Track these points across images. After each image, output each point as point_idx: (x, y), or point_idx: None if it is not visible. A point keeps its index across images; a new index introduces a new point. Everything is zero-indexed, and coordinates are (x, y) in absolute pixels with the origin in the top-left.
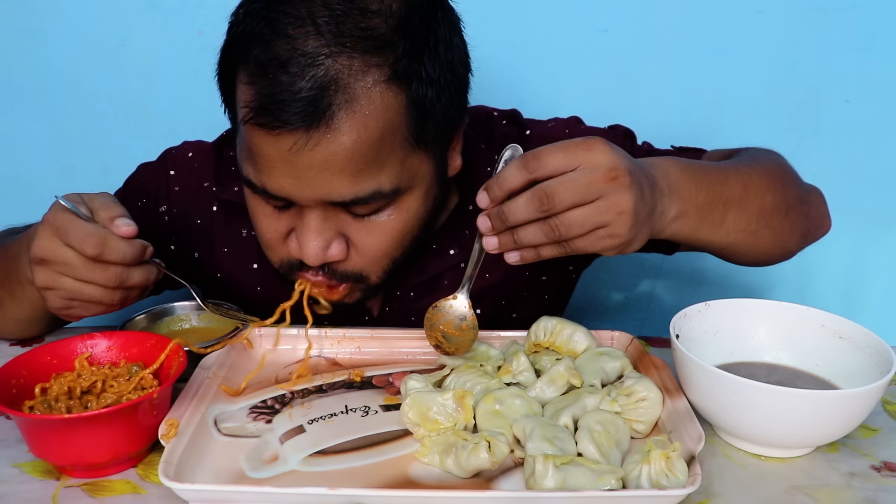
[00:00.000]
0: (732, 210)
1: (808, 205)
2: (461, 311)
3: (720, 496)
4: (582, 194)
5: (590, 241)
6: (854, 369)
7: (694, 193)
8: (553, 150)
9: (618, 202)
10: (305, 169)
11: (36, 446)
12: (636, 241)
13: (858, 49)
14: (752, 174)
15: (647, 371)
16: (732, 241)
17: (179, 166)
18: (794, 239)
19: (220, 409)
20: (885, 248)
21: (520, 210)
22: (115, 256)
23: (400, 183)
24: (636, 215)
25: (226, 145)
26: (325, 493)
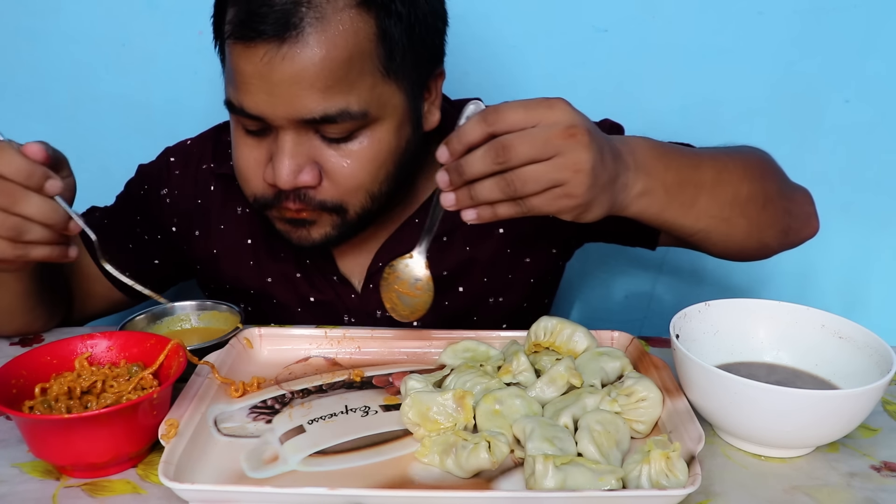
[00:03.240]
0: (704, 194)
1: (791, 201)
2: (417, 271)
3: (720, 496)
4: (539, 149)
5: (546, 199)
6: (854, 369)
7: (662, 172)
8: (513, 105)
9: (575, 160)
10: (278, 84)
11: (36, 446)
12: (594, 206)
13: (858, 49)
14: (728, 162)
15: (647, 371)
16: (704, 226)
17: (178, 153)
18: (773, 233)
19: (220, 409)
20: (885, 248)
21: (476, 163)
22: (10, 168)
23: (369, 107)
24: (594, 176)
25: (223, 132)
26: (325, 493)
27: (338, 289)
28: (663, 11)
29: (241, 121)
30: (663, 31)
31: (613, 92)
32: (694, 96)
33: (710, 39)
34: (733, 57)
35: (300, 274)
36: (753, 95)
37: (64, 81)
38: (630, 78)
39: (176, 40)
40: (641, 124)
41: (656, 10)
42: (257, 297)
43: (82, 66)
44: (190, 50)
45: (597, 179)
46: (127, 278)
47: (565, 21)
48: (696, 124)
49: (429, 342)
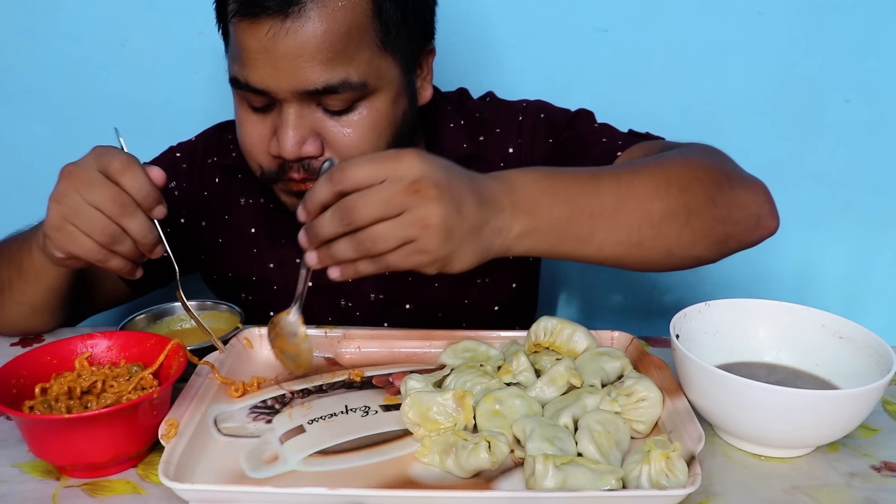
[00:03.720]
0: (604, 222)
1: (728, 208)
2: (293, 327)
3: (720, 496)
4: (383, 208)
5: (400, 256)
6: (854, 369)
7: (548, 208)
8: (359, 162)
9: (422, 216)
10: (282, 57)
11: (36, 446)
12: (456, 258)
13: (858, 49)
14: (635, 181)
15: (647, 371)
16: (610, 254)
17: (184, 149)
18: (702, 247)
19: (220, 409)
20: (885, 248)
21: (326, 225)
22: (133, 183)
23: (368, 78)
24: (446, 230)
25: (224, 129)
26: (325, 493)
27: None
28: (663, 11)
29: (245, 97)
30: (663, 31)
31: (613, 92)
32: (694, 96)
33: (710, 39)
34: (733, 57)
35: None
36: (753, 95)
37: (64, 81)
38: (630, 78)
39: (176, 40)
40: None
41: (656, 10)
42: (259, 285)
43: (82, 66)
44: (190, 50)
45: (451, 232)
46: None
47: (565, 21)
48: (696, 124)
49: (429, 342)
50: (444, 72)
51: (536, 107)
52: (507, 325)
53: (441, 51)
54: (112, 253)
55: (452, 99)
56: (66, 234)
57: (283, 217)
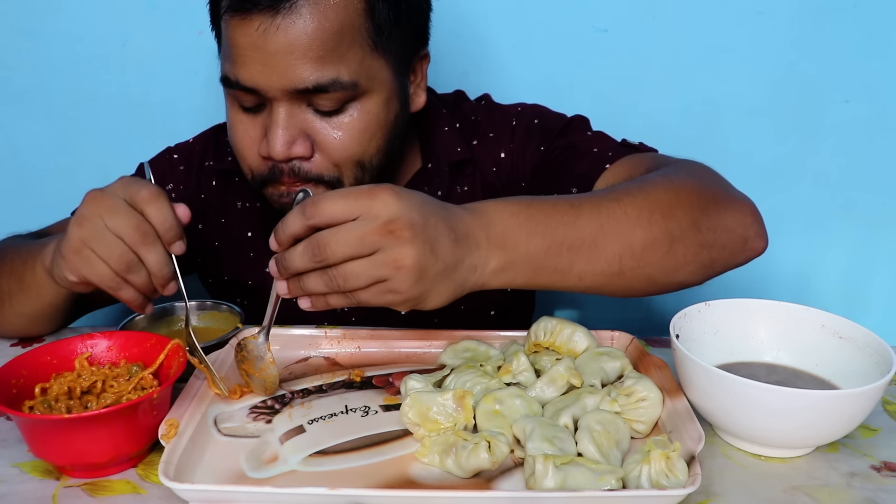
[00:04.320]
0: (583, 254)
1: (713, 232)
2: (259, 352)
3: (720, 496)
4: (355, 247)
5: (372, 294)
6: (854, 369)
7: (524, 242)
8: (333, 197)
9: (395, 257)
10: (272, 54)
11: (36, 446)
12: (430, 296)
13: (858, 49)
14: (616, 210)
15: (647, 371)
16: (590, 284)
17: (181, 151)
18: (686, 272)
19: (220, 409)
20: (885, 248)
21: (297, 258)
22: (158, 215)
23: (359, 79)
24: (419, 271)
25: (221, 131)
26: (325, 493)
27: None
28: (663, 11)
29: (236, 97)
30: (663, 31)
31: (613, 92)
32: (694, 96)
33: (710, 39)
34: (733, 57)
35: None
36: (753, 95)
37: (64, 81)
38: (630, 78)
39: (176, 40)
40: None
41: (656, 10)
42: (255, 290)
43: (82, 66)
44: (190, 50)
45: (424, 273)
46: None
47: (565, 21)
48: (696, 124)
49: (429, 342)
50: (443, 72)
51: (531, 111)
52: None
53: (441, 51)
54: (125, 282)
55: (448, 101)
56: (83, 258)
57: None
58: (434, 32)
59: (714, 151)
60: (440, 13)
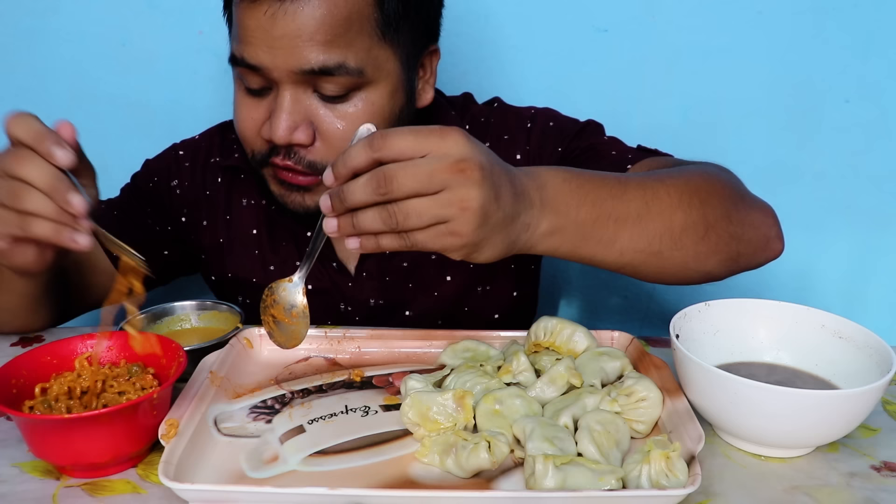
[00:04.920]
0: (627, 228)
1: (743, 225)
2: (293, 296)
3: (720, 496)
4: (424, 182)
5: (430, 235)
6: (854, 369)
7: (575, 208)
8: (403, 132)
9: (462, 197)
10: (279, 38)
11: (36, 446)
12: (485, 246)
13: (858, 49)
14: (660, 190)
15: (647, 371)
16: (629, 261)
17: (187, 147)
18: (716, 262)
19: (220, 409)
20: (885, 247)
21: (358, 191)
22: (21, 129)
23: (365, 66)
24: (483, 215)
25: (227, 129)
26: (325, 493)
27: (334, 277)
28: (663, 11)
29: (243, 77)
30: (663, 31)
31: (613, 92)
32: (694, 96)
33: (710, 39)
34: (733, 57)
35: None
36: (753, 95)
37: (64, 81)
38: (630, 78)
39: (176, 40)
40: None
41: (656, 10)
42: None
43: (82, 66)
44: (190, 50)
45: (487, 219)
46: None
47: (565, 21)
48: (696, 124)
49: (429, 342)
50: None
51: (545, 114)
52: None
53: (441, 51)
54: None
55: (457, 103)
56: None
57: (284, 219)
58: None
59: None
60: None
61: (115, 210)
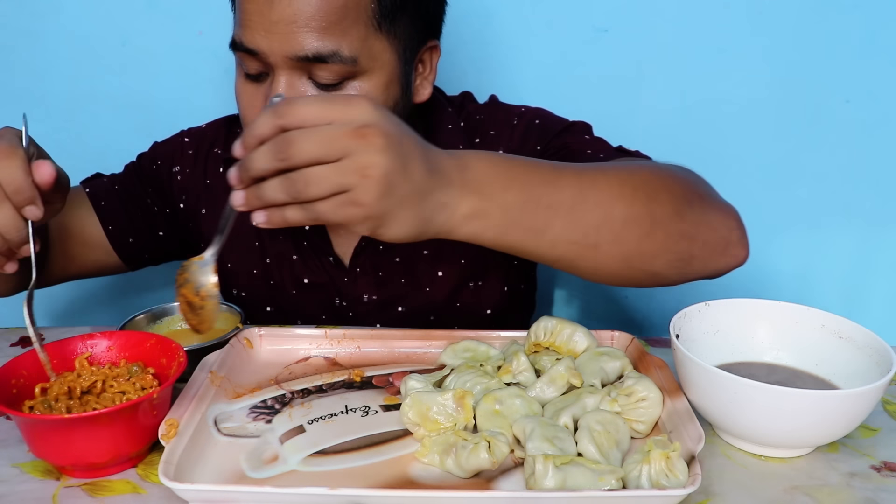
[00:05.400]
0: (560, 217)
1: (696, 225)
2: (203, 275)
3: (720, 496)
4: (324, 148)
5: (332, 205)
6: (854, 369)
7: (500, 191)
8: (309, 99)
9: (364, 163)
10: (276, 22)
11: (36, 446)
12: (391, 221)
13: (858, 49)
14: (599, 179)
15: (647, 371)
16: (563, 253)
17: (193, 135)
18: (664, 262)
19: (220, 409)
20: (885, 248)
21: (259, 158)
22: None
23: (359, 55)
24: (387, 185)
25: (233, 122)
26: (325, 493)
27: (330, 271)
28: (663, 11)
29: (242, 62)
30: (663, 31)
31: (613, 92)
32: (694, 96)
33: (711, 39)
34: (733, 57)
35: (296, 256)
36: (753, 95)
37: (64, 81)
38: (630, 78)
39: (176, 40)
40: (641, 124)
41: (656, 10)
42: (255, 279)
43: (82, 66)
44: (190, 50)
45: (392, 189)
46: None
47: (565, 21)
48: (697, 124)
49: (429, 342)
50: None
51: (534, 113)
52: (502, 328)
53: (442, 50)
54: None
55: (455, 102)
56: None
57: None
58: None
59: (714, 151)
60: None
61: (117, 185)
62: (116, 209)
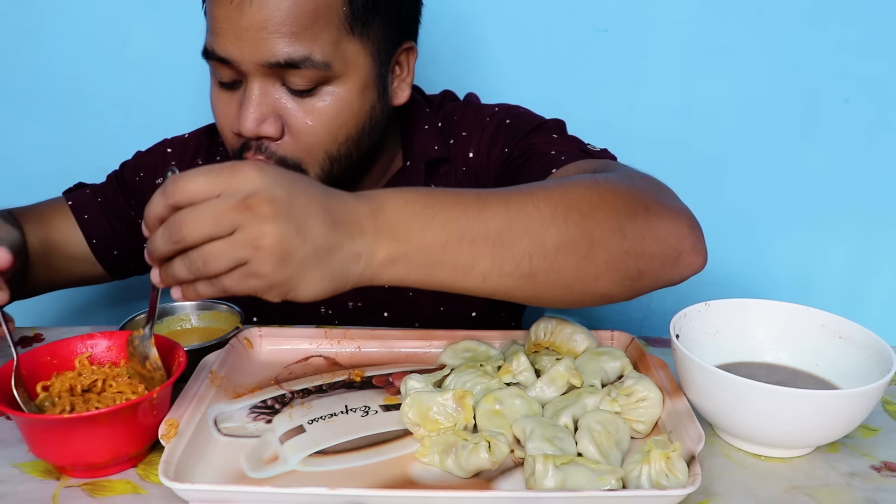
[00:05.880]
0: (487, 251)
1: (641, 240)
2: (145, 348)
3: (720, 496)
4: (214, 225)
5: (235, 279)
6: (854, 369)
7: (419, 232)
8: (194, 175)
9: (254, 235)
10: (246, 28)
11: (36, 446)
12: (301, 284)
13: (858, 49)
14: (528, 204)
15: (647, 371)
16: (496, 286)
17: (176, 145)
18: (609, 282)
19: (220, 409)
20: (885, 248)
21: (158, 241)
22: None
23: (332, 60)
24: (282, 252)
25: (216, 131)
26: (325, 493)
27: None
28: (663, 11)
29: (215, 70)
30: (663, 31)
31: (613, 92)
32: (694, 96)
33: (710, 39)
34: (733, 57)
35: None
36: (753, 95)
37: (64, 81)
38: (630, 78)
39: (176, 40)
40: (641, 124)
41: (656, 10)
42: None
43: (82, 66)
44: (190, 50)
45: (289, 255)
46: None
47: (565, 21)
48: (696, 124)
49: (429, 342)
50: (443, 72)
51: (506, 112)
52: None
53: (441, 51)
54: None
55: (434, 101)
56: None
57: None
58: (434, 32)
59: (714, 152)
60: (441, 13)
61: (100, 198)
62: (100, 222)
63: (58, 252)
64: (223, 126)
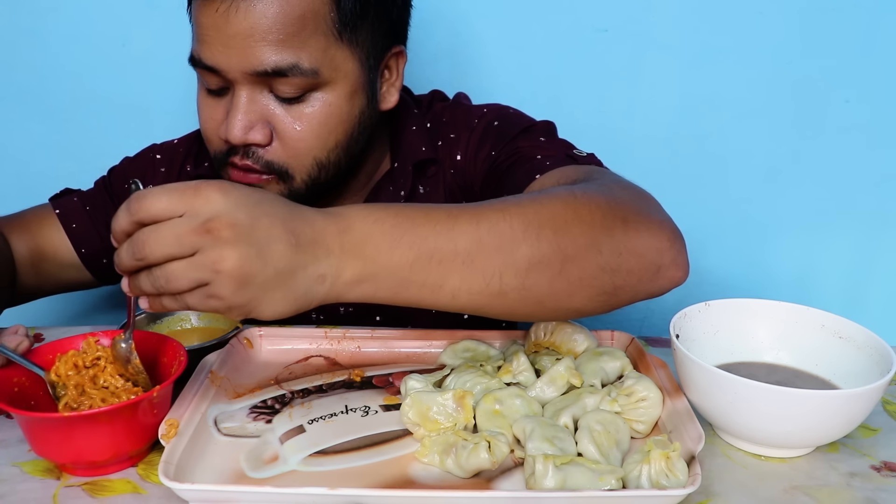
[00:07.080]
0: (456, 269)
1: (617, 255)
2: (125, 353)
3: (720, 496)
4: (173, 246)
5: (197, 298)
6: (854, 369)
7: (387, 252)
8: (157, 193)
9: (214, 259)
10: (233, 36)
11: (36, 444)
12: (262, 305)
13: (858, 49)
14: (500, 221)
15: (647, 371)
16: (466, 303)
17: (165, 150)
18: (583, 298)
19: (220, 409)
20: (885, 247)
21: (122, 256)
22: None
23: (320, 67)
24: (241, 276)
25: None
26: (325, 493)
27: None
28: (663, 11)
29: (202, 78)
30: (663, 31)
31: (613, 92)
32: (694, 96)
33: (710, 39)
34: (733, 57)
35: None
36: (753, 95)
37: (64, 81)
38: (630, 78)
39: (176, 40)
40: (641, 124)
41: (656, 10)
42: None
43: (82, 66)
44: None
45: (248, 279)
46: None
47: (565, 21)
48: (696, 125)
49: (429, 342)
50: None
51: (495, 113)
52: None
53: (440, 51)
54: None
55: (423, 102)
56: None
57: None
58: (433, 32)
59: (713, 151)
60: (440, 13)
61: (88, 206)
62: (88, 232)
63: (47, 260)
64: (209, 130)
